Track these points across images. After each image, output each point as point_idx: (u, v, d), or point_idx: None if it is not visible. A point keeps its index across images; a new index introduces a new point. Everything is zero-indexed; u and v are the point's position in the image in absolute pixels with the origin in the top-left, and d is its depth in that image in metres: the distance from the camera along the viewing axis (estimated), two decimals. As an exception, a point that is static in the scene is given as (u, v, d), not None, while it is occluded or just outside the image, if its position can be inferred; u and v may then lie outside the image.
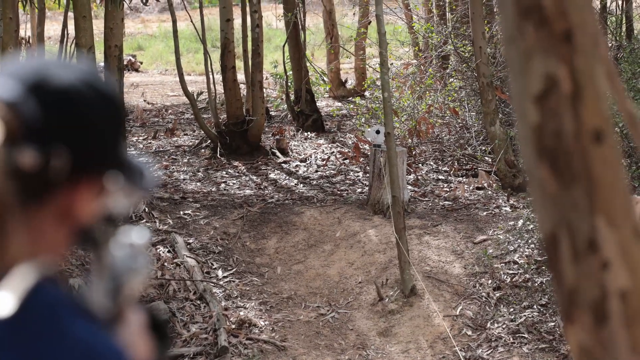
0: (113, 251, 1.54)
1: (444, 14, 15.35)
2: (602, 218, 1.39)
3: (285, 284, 8.81)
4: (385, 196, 9.47)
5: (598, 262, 1.40)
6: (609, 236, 1.39)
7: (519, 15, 1.40)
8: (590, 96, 1.38)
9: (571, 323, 1.43)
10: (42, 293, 1.34)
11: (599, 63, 1.40)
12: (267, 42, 18.70)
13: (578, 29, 1.38)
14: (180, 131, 14.49)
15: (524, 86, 1.41)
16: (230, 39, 12.48)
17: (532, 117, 1.41)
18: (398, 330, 7.93)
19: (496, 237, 9.06)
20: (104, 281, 1.52)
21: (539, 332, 7.67)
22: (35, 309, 1.32)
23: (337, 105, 17.20)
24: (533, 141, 1.42)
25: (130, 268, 1.54)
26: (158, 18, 32.30)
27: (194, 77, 20.33)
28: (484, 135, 11.76)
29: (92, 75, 1.44)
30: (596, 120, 1.39)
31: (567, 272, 1.42)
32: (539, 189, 1.43)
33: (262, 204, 10.34)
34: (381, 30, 8.18)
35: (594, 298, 1.40)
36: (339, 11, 22.92)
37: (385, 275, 8.62)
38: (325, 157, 12.51)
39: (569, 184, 1.39)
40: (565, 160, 1.39)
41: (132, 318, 1.55)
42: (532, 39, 1.39)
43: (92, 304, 1.50)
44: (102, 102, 1.43)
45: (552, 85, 1.38)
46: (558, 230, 1.41)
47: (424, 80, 13.44)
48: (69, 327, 1.33)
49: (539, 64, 1.39)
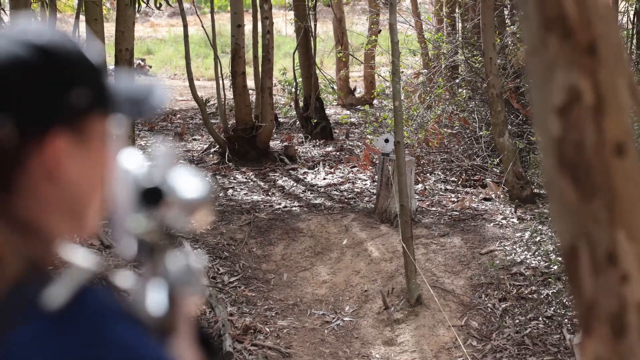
0: (169, 264, 1.53)
1: (455, 23, 15.35)
2: (622, 231, 1.39)
3: (291, 290, 8.80)
4: (393, 205, 9.46)
5: (617, 275, 1.39)
6: (628, 249, 1.39)
7: (542, 27, 1.40)
8: (612, 109, 1.38)
9: (589, 336, 1.43)
10: (88, 294, 1.31)
11: (621, 76, 1.40)
12: (276, 48, 18.70)
13: (602, 41, 1.38)
14: (188, 136, 14.50)
15: (546, 98, 1.41)
16: (241, 44, 12.49)
17: (554, 129, 1.40)
18: (403, 340, 7.92)
19: (503, 248, 9.05)
20: (157, 290, 1.51)
21: (544, 344, 7.65)
22: (79, 310, 1.29)
23: (346, 113, 17.20)
24: (554, 153, 1.41)
25: (185, 283, 1.53)
26: (167, 22, 32.35)
27: (203, 82, 20.35)
28: (492, 146, 11.74)
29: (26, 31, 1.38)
30: (618, 133, 1.38)
31: (586, 284, 1.41)
32: (559, 201, 1.42)
33: (270, 210, 10.34)
34: (394, 39, 8.17)
35: (612, 311, 1.40)
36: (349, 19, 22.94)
37: (391, 284, 8.61)
38: (333, 164, 12.50)
39: (589, 196, 1.39)
40: (586, 173, 1.39)
41: (182, 331, 1.53)
42: (555, 50, 1.39)
43: (142, 311, 1.49)
44: (40, 50, 1.36)
45: (575, 98, 1.38)
46: (578, 242, 1.41)
47: (433, 89, 13.44)
48: (113, 331, 1.29)
49: (562, 76, 1.39)
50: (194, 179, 1.55)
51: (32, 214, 1.34)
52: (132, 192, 1.51)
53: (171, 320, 1.50)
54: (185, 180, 1.54)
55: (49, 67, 1.36)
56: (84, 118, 1.38)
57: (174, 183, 1.53)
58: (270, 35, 12.69)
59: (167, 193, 1.52)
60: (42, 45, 1.36)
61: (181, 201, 1.53)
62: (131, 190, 1.51)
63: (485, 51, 10.55)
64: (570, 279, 1.43)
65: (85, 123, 1.38)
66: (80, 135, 1.37)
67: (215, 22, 13.37)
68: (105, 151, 1.42)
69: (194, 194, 1.54)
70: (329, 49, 20.47)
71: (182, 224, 1.53)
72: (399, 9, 13.07)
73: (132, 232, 1.52)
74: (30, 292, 1.28)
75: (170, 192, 1.52)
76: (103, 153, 1.41)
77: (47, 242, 1.35)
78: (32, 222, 1.34)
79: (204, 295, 1.75)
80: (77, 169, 1.37)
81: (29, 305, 1.27)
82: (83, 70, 1.39)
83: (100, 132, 1.41)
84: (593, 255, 1.40)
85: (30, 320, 1.27)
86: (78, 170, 1.37)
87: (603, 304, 1.40)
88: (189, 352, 1.55)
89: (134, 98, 1.43)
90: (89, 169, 1.39)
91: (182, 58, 14.28)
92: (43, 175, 1.34)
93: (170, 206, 1.52)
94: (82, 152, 1.38)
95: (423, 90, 13.65)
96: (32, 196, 1.34)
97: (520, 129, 11.87)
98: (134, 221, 1.51)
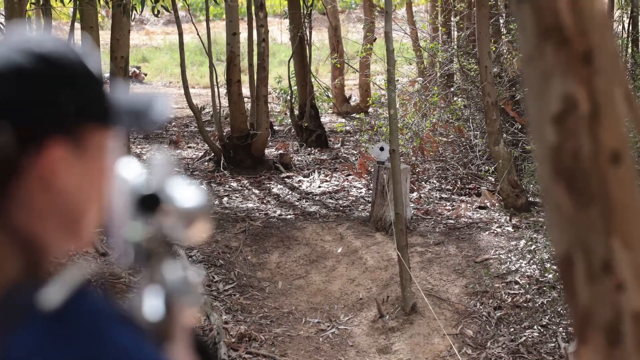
0: (166, 272, 1.54)
1: (450, 32, 15.37)
2: (617, 239, 1.39)
3: (286, 298, 8.79)
4: (388, 213, 9.47)
5: (613, 283, 1.39)
6: (624, 258, 1.39)
7: (538, 36, 1.40)
8: (608, 117, 1.38)
9: (584, 344, 1.43)
10: (85, 298, 1.31)
11: (617, 84, 1.40)
12: (272, 56, 18.73)
13: (598, 50, 1.38)
14: (184, 144, 14.50)
15: (542, 106, 1.41)
16: (236, 52, 12.51)
17: (550, 138, 1.40)
18: (398, 348, 7.91)
19: (498, 256, 9.05)
20: (154, 297, 1.51)
21: (539, 352, 7.65)
22: (76, 314, 1.29)
23: (341, 121, 17.21)
24: (550, 161, 1.41)
25: (182, 291, 1.53)
26: (163, 30, 32.36)
27: (198, 90, 20.37)
28: (487, 155, 11.75)
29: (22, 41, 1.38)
30: (614, 141, 1.39)
31: (581, 293, 1.41)
32: (555, 209, 1.42)
33: (265, 218, 10.34)
34: (389, 48, 8.17)
35: (608, 319, 1.40)
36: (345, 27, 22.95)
37: (386, 292, 8.61)
38: (329, 172, 12.51)
39: (585, 204, 1.39)
40: (582, 181, 1.39)
41: (178, 338, 1.53)
42: (551, 59, 1.39)
43: (139, 316, 1.49)
44: (38, 57, 1.35)
45: (571, 106, 1.38)
46: (573, 250, 1.41)
47: (428, 98, 13.45)
48: (110, 335, 1.29)
49: (558, 85, 1.39)
50: (191, 189, 1.55)
51: (27, 222, 1.34)
52: (129, 200, 1.52)
53: (167, 327, 1.51)
54: (183, 189, 1.55)
55: (49, 76, 1.35)
56: (82, 128, 1.38)
57: (172, 191, 1.54)
58: (266, 43, 12.70)
59: (165, 201, 1.53)
60: (44, 54, 1.36)
61: (178, 210, 1.53)
62: (128, 198, 1.52)
63: (481, 59, 10.56)
64: (566, 288, 1.43)
65: (83, 133, 1.38)
66: (79, 145, 1.37)
67: (211, 30, 13.38)
68: (104, 162, 1.42)
69: (191, 203, 1.54)
70: (325, 57, 20.50)
71: (179, 232, 1.54)
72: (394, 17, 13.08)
73: (129, 239, 1.52)
74: (27, 296, 1.28)
75: (168, 200, 1.53)
76: (101, 164, 1.41)
77: (42, 250, 1.35)
78: (27, 230, 1.34)
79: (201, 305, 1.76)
80: (74, 178, 1.37)
81: (26, 309, 1.27)
82: (83, 81, 1.39)
83: (99, 142, 1.40)
84: (588, 263, 1.40)
85: (28, 323, 1.27)
86: (75, 180, 1.37)
87: (598, 312, 1.40)
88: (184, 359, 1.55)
89: (134, 110, 1.43)
90: (86, 179, 1.39)
91: (178, 66, 14.27)
92: (39, 184, 1.34)
93: (167, 214, 1.52)
94: (79, 162, 1.37)
95: (418, 98, 13.67)
96: (27, 204, 1.34)
97: (515, 138, 11.89)
98: (131, 228, 1.51)
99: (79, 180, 1.38)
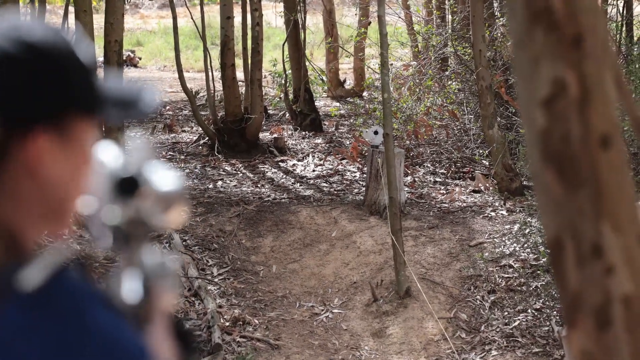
0: (144, 255, 1.54)
1: (444, 16, 15.35)
2: (607, 223, 1.39)
3: (280, 282, 8.80)
4: (382, 197, 9.47)
5: (602, 267, 1.39)
6: (614, 241, 1.39)
7: (528, 20, 1.40)
8: (598, 101, 1.38)
9: (574, 328, 1.43)
10: (66, 279, 1.32)
11: (607, 68, 1.40)
12: (266, 40, 18.67)
13: (588, 34, 1.38)
14: (178, 128, 14.48)
15: (531, 90, 1.41)
16: (230, 36, 12.48)
17: (539, 122, 1.40)
18: (392, 332, 7.93)
19: (492, 240, 9.06)
20: (133, 279, 1.52)
21: (533, 336, 7.67)
22: (57, 295, 1.30)
23: (335, 105, 17.19)
24: (539, 145, 1.41)
25: (160, 274, 1.54)
26: (157, 14, 32.27)
27: (193, 74, 20.32)
28: (481, 139, 11.75)
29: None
30: (604, 125, 1.38)
31: (571, 276, 1.41)
32: (544, 193, 1.42)
33: (259, 202, 10.34)
34: (383, 31, 8.16)
35: (597, 303, 1.40)
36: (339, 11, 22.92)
37: (380, 276, 8.62)
38: (323, 156, 12.50)
39: (575, 188, 1.39)
40: (571, 165, 1.39)
41: (157, 322, 1.54)
42: (541, 43, 1.39)
43: (118, 299, 1.50)
44: (25, 45, 1.35)
45: (560, 90, 1.38)
46: (563, 234, 1.41)
47: (423, 82, 13.44)
48: (92, 316, 1.30)
49: (548, 69, 1.38)
50: (169, 172, 1.56)
51: (10, 208, 1.34)
52: (108, 183, 1.52)
53: (146, 310, 1.51)
54: (161, 173, 1.55)
55: (37, 65, 1.35)
56: (69, 117, 1.37)
57: (150, 175, 1.54)
58: (260, 27, 12.68)
59: (143, 184, 1.53)
60: (33, 43, 1.35)
61: (156, 193, 1.54)
62: (107, 181, 1.52)
63: (475, 43, 10.55)
64: (556, 271, 1.44)
65: (70, 123, 1.38)
66: (65, 134, 1.37)
67: (205, 14, 13.35)
68: (88, 151, 1.42)
69: (169, 187, 1.55)
70: (319, 41, 20.46)
71: (157, 216, 1.54)
72: (388, 1, 13.05)
73: (107, 222, 1.52)
74: (8, 278, 1.28)
75: (146, 183, 1.54)
76: (85, 152, 1.41)
77: (24, 235, 1.35)
78: (9, 216, 1.34)
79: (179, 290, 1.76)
80: (59, 167, 1.37)
81: (8, 291, 1.27)
82: (72, 70, 1.39)
83: (85, 132, 1.40)
84: (578, 247, 1.40)
85: (9, 305, 1.27)
86: (59, 169, 1.37)
87: (588, 296, 1.40)
88: (164, 344, 1.55)
89: (123, 100, 1.43)
90: (70, 168, 1.39)
91: (172, 50, 14.26)
92: (24, 172, 1.34)
93: (145, 197, 1.53)
94: (65, 150, 1.37)
95: (412, 82, 13.66)
96: (11, 191, 1.34)
97: (509, 121, 11.89)
98: (109, 211, 1.52)
99: (64, 168, 1.38)
